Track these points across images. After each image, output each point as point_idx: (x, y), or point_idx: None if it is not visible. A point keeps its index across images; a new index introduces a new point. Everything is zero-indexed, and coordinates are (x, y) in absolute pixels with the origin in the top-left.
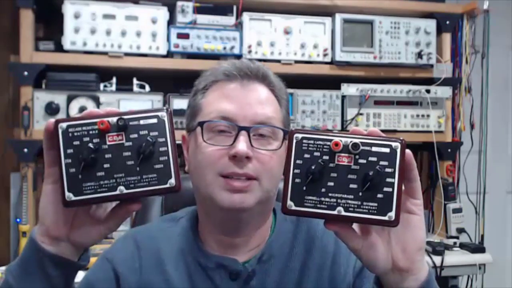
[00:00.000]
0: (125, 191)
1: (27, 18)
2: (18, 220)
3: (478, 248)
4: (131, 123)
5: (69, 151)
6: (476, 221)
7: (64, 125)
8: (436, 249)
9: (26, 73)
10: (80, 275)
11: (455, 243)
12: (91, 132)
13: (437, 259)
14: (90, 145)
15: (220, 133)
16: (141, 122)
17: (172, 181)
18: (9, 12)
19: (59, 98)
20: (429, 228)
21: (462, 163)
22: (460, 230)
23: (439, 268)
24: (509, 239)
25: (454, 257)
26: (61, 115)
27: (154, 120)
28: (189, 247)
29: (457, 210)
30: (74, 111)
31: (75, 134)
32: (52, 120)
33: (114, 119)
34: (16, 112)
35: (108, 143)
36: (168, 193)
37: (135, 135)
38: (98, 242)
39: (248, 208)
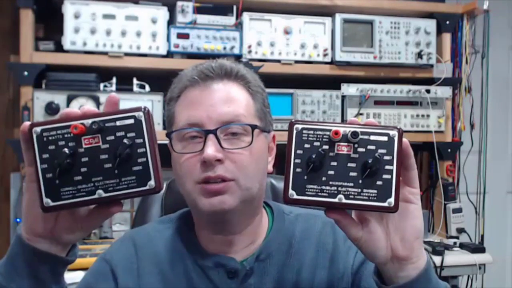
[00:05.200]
0: (104, 194)
1: (27, 18)
2: (18, 220)
3: (478, 248)
4: (107, 124)
5: (45, 156)
6: (476, 221)
7: (38, 129)
8: (436, 249)
9: (26, 73)
10: (79, 276)
11: (455, 243)
12: (66, 135)
13: (437, 259)
14: (66, 149)
15: (192, 140)
16: (118, 123)
17: (152, 182)
18: (9, 12)
19: (59, 98)
20: (429, 228)
21: (462, 163)
22: (460, 230)
23: (439, 268)
24: (509, 239)
25: (454, 257)
26: None
27: (131, 121)
28: (187, 247)
29: (457, 210)
30: None
31: (50, 138)
32: (27, 123)
33: (89, 121)
34: (16, 112)
35: (84, 146)
36: (148, 194)
37: (112, 137)
38: (81, 239)
39: (229, 209)
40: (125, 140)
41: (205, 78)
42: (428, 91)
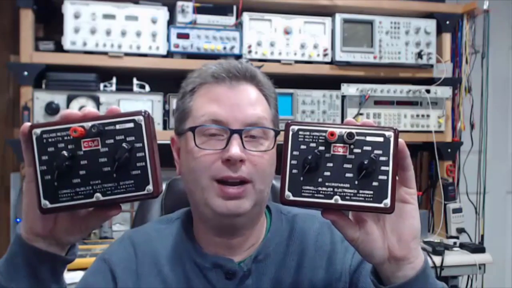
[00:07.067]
0: (102, 198)
1: (27, 18)
2: (18, 220)
3: (478, 248)
4: (107, 128)
5: (44, 157)
6: (476, 221)
7: (38, 130)
8: (436, 249)
9: (26, 73)
10: (79, 276)
11: (455, 243)
12: (66, 138)
13: (437, 259)
14: (64, 152)
15: (211, 137)
16: (117, 126)
17: (150, 187)
18: (9, 12)
19: (59, 98)
20: (429, 228)
21: (462, 163)
22: (460, 230)
23: (439, 268)
24: (509, 239)
25: (454, 257)
26: None
27: (131, 125)
28: (185, 248)
29: (457, 210)
30: None
31: (50, 140)
32: (27, 123)
33: (89, 124)
34: (16, 112)
35: (83, 149)
36: (146, 199)
37: (111, 141)
38: (81, 240)
39: (243, 213)
40: (124, 144)
41: (232, 77)
42: (428, 91)
